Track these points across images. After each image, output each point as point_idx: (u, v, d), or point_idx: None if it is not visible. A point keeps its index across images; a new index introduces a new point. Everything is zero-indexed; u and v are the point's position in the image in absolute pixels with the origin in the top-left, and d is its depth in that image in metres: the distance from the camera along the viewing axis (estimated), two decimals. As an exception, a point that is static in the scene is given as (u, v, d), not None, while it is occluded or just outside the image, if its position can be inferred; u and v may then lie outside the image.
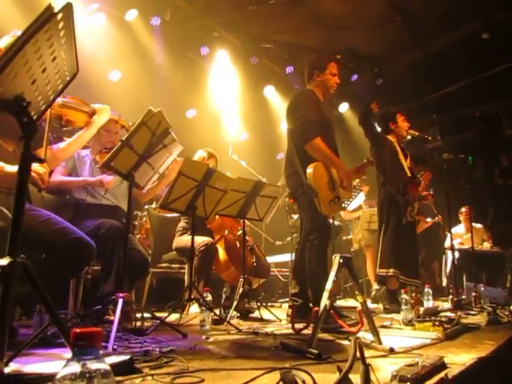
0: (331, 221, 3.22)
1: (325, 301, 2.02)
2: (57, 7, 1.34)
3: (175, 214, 4.07)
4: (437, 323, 2.59)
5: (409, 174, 4.37)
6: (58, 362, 0.76)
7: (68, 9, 1.40)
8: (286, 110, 3.45)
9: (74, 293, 2.94)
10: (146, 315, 2.76)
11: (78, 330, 0.74)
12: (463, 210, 6.86)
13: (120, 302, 2.19)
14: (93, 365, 0.74)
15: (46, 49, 1.42)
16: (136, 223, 4.72)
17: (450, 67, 6.91)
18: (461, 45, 6.56)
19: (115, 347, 1.88)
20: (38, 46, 1.36)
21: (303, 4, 6.00)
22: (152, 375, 1.45)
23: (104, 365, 0.75)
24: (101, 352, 0.77)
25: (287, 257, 5.54)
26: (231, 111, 7.31)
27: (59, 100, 2.53)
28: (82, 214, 2.95)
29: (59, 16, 1.37)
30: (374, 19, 6.38)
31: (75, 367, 0.73)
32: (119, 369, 1.41)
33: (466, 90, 7.19)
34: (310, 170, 3.00)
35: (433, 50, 6.91)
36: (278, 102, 7.85)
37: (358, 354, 1.20)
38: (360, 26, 6.46)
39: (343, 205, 3.64)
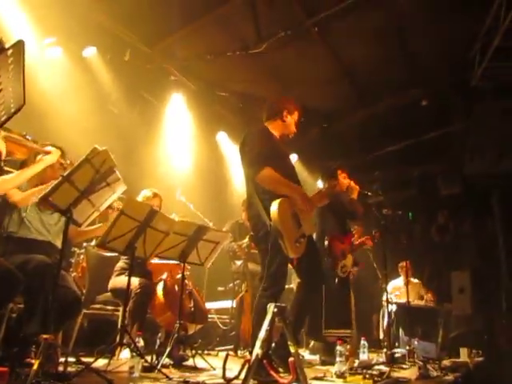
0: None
1: (257, 350, 2.02)
2: (10, 42, 1.36)
3: (115, 254, 3.96)
4: (367, 376, 2.63)
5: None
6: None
7: (19, 45, 1.43)
8: (239, 151, 3.29)
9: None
10: (71, 359, 2.61)
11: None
12: (402, 264, 7.09)
13: (43, 344, 2.08)
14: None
15: (-7, 81, 1.42)
16: (72, 260, 4.53)
17: (392, 128, 7.41)
18: (403, 109, 7.09)
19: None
20: (-16, 77, 1.37)
21: (260, 57, 6.27)
22: (67, 424, 1.38)
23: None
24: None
25: (228, 303, 5.46)
26: (183, 153, 7.35)
27: (2, 133, 2.49)
28: (12, 248, 2.82)
29: (9, 52, 1.38)
30: (325, 77, 6.78)
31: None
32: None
33: (407, 150, 7.69)
34: (274, 207, 2.76)
35: (377, 111, 7.38)
36: (230, 148, 8.00)
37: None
38: (313, 83, 6.83)
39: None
